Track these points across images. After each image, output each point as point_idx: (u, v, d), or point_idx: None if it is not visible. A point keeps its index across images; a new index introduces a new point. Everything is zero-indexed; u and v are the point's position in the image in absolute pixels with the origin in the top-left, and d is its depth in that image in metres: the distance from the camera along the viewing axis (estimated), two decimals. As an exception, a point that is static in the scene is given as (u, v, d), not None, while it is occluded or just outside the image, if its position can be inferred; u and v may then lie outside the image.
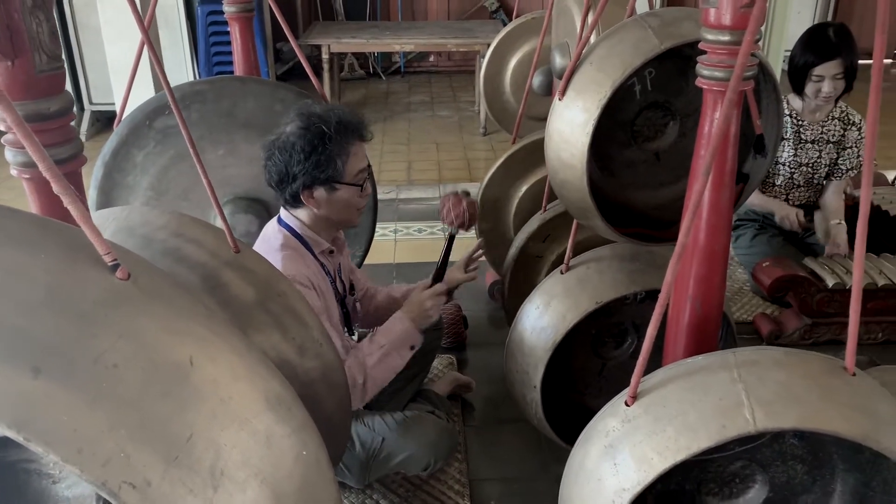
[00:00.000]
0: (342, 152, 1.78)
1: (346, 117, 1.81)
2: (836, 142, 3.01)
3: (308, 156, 1.75)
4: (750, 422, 1.13)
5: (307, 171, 1.76)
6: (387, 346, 1.87)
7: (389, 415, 2.06)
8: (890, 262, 2.66)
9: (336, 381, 1.56)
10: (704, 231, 1.42)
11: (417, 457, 2.02)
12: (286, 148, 1.78)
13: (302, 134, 1.77)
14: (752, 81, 1.35)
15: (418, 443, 2.02)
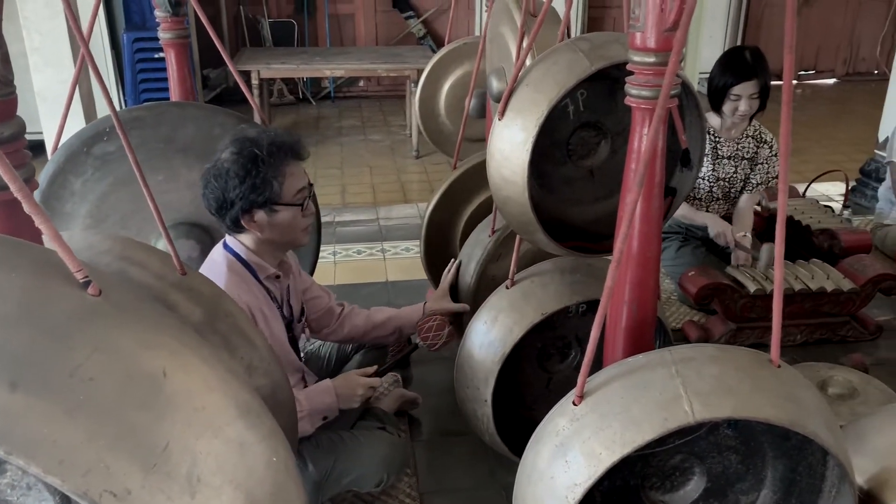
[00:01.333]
0: (277, 174, 1.78)
1: (279, 138, 1.82)
2: (750, 158, 3.22)
3: (243, 180, 1.76)
4: (689, 413, 1.22)
5: (244, 195, 1.76)
6: (305, 411, 1.87)
7: (340, 433, 2.08)
8: (805, 269, 2.85)
9: (284, 399, 1.58)
10: (638, 239, 1.51)
11: (370, 473, 2.05)
12: (221, 174, 1.78)
13: (235, 159, 1.77)
14: (677, 99, 1.46)
15: (370, 459, 2.04)
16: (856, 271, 2.80)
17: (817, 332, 2.84)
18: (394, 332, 2.30)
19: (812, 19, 7.54)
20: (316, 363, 2.42)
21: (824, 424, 1.27)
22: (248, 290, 1.84)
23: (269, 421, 1.04)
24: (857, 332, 2.86)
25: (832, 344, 2.85)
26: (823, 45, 7.72)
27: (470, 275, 2.32)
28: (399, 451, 2.11)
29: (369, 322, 2.27)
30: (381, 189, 5.11)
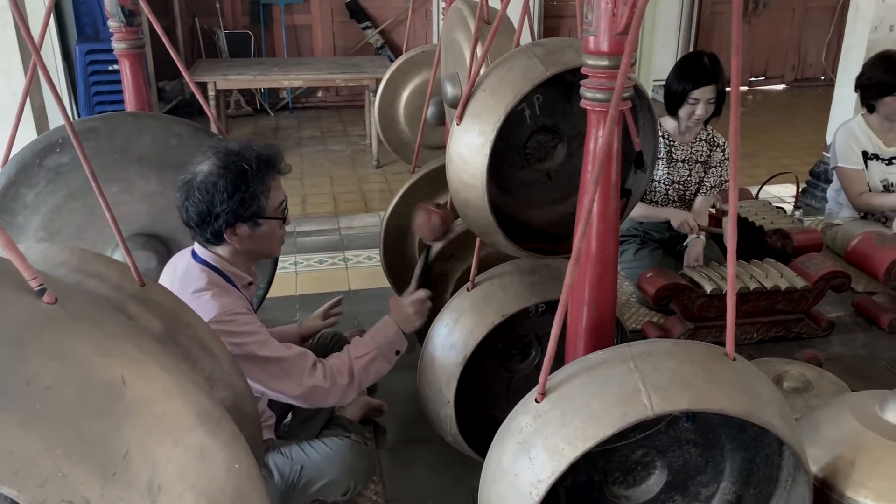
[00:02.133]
0: (264, 189, 1.79)
1: (265, 152, 1.82)
2: (704, 161, 3.29)
3: (231, 195, 1.75)
4: (648, 407, 1.24)
5: (231, 209, 1.76)
6: (375, 350, 1.94)
7: (306, 442, 2.07)
8: (759, 268, 2.92)
9: (247, 410, 1.56)
10: (595, 239, 1.54)
11: (337, 482, 2.03)
12: (206, 188, 1.76)
13: (222, 173, 1.76)
14: (630, 101, 1.49)
15: (337, 467, 2.03)
16: (808, 269, 2.88)
17: (773, 330, 2.91)
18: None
19: (761, 27, 7.74)
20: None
21: (779, 415, 1.31)
22: (233, 300, 1.83)
23: (231, 427, 1.04)
24: (810, 328, 2.94)
25: (787, 341, 2.91)
26: (772, 52, 7.93)
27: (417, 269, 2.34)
28: (366, 458, 2.10)
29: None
30: (342, 199, 5.10)
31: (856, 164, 3.42)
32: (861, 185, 3.43)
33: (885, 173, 3.45)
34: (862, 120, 3.48)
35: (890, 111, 3.34)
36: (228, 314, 1.77)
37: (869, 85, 3.36)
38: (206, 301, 1.76)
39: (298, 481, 1.99)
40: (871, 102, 3.39)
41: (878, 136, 3.44)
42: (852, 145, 3.42)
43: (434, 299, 2.07)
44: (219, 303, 1.76)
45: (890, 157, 3.44)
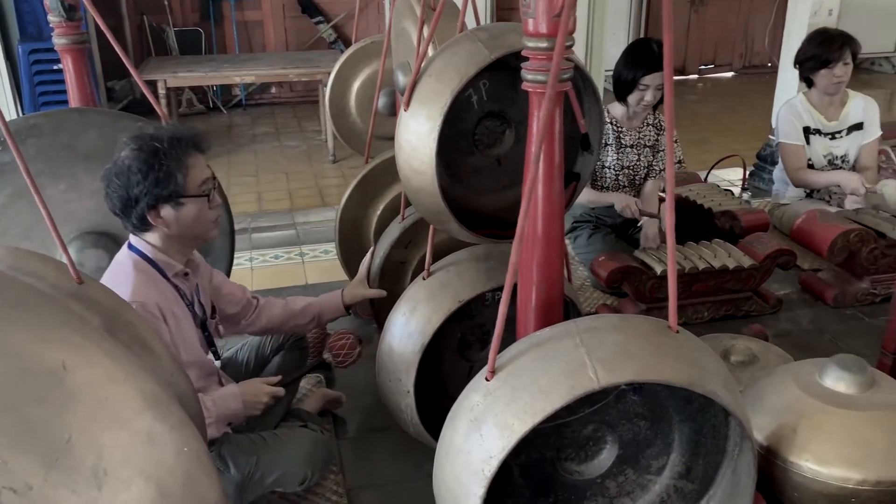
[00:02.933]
0: (180, 166, 1.77)
1: (178, 131, 1.82)
2: (651, 146, 3.35)
3: (146, 175, 1.74)
4: (594, 379, 1.27)
5: (148, 190, 1.75)
6: (213, 417, 1.84)
7: (262, 434, 2.06)
8: (708, 248, 2.98)
9: (190, 410, 1.54)
10: (541, 220, 1.56)
11: (293, 472, 2.03)
12: (122, 172, 1.76)
13: (136, 155, 1.76)
14: (570, 83, 1.51)
15: (293, 457, 2.03)
16: (755, 248, 2.95)
17: (722, 309, 2.99)
18: (312, 320, 2.29)
19: (708, 16, 7.89)
20: (235, 368, 2.39)
21: (723, 385, 1.35)
22: (158, 289, 1.81)
23: (179, 412, 1.04)
24: (759, 306, 3.02)
25: (737, 319, 2.99)
26: (720, 40, 8.08)
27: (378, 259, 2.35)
28: (322, 447, 2.11)
29: (287, 311, 2.25)
30: (298, 194, 5.07)
31: (796, 139, 3.50)
32: (800, 160, 3.51)
33: (829, 147, 3.55)
34: (803, 97, 3.57)
35: (826, 84, 3.43)
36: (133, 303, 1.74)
37: (805, 59, 3.44)
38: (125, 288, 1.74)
39: (254, 473, 1.98)
40: (809, 76, 3.48)
41: (818, 111, 3.53)
42: (794, 121, 3.50)
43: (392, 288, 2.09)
44: (133, 291, 1.74)
45: (832, 131, 3.54)
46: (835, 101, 3.54)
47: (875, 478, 1.44)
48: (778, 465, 1.52)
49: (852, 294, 3.07)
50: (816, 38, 3.43)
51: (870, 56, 8.02)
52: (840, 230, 2.89)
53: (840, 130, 3.55)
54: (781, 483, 1.55)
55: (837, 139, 3.55)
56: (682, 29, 7.89)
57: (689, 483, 1.56)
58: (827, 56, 3.35)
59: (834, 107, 3.55)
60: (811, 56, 3.40)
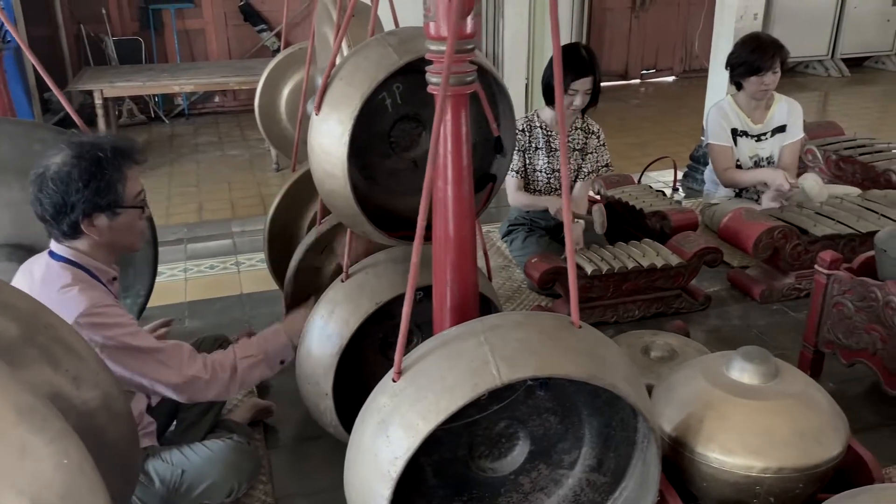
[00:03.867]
0: (121, 177, 1.78)
1: (119, 143, 1.82)
2: (581, 149, 3.41)
3: (87, 183, 1.73)
4: (496, 376, 1.28)
5: (87, 198, 1.73)
6: (262, 355, 1.96)
7: (187, 446, 2.03)
8: (637, 248, 3.04)
9: (118, 410, 1.53)
10: (452, 220, 1.58)
11: (220, 483, 2.01)
12: (61, 178, 1.73)
13: (76, 163, 1.74)
14: (474, 85, 1.53)
15: (219, 469, 2.01)
16: (682, 247, 3.01)
17: (653, 307, 3.04)
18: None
19: (649, 21, 8.04)
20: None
21: (623, 377, 1.38)
22: (101, 293, 1.79)
23: (58, 423, 1.01)
24: (688, 303, 3.08)
25: (667, 316, 3.04)
26: (661, 45, 8.24)
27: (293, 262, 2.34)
28: (248, 458, 2.08)
29: None
30: (240, 204, 5.01)
31: (725, 141, 3.59)
32: (727, 161, 3.59)
33: (755, 149, 3.64)
34: (731, 99, 3.66)
35: (755, 90, 3.52)
36: (98, 307, 1.74)
37: (738, 64, 3.52)
38: (74, 296, 1.72)
39: (180, 486, 1.96)
40: (739, 81, 3.57)
41: (745, 113, 3.63)
42: (722, 123, 3.59)
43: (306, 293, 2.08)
44: (87, 297, 1.73)
45: (758, 133, 3.64)
46: (761, 105, 3.64)
47: (777, 465, 1.48)
48: (686, 455, 1.55)
49: (778, 289, 3.15)
50: (749, 44, 3.50)
51: (804, 59, 8.27)
52: (764, 227, 2.97)
53: (765, 132, 3.66)
54: (690, 474, 1.59)
55: (763, 141, 3.65)
56: (623, 34, 8.03)
57: (602, 476, 1.58)
58: (759, 64, 3.43)
59: (760, 110, 3.65)
60: (743, 62, 3.48)
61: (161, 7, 6.91)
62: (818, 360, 2.64)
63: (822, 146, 4.02)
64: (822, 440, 1.51)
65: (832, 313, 2.49)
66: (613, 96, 7.72)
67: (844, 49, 8.15)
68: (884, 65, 8.49)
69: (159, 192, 5.16)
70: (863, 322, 2.38)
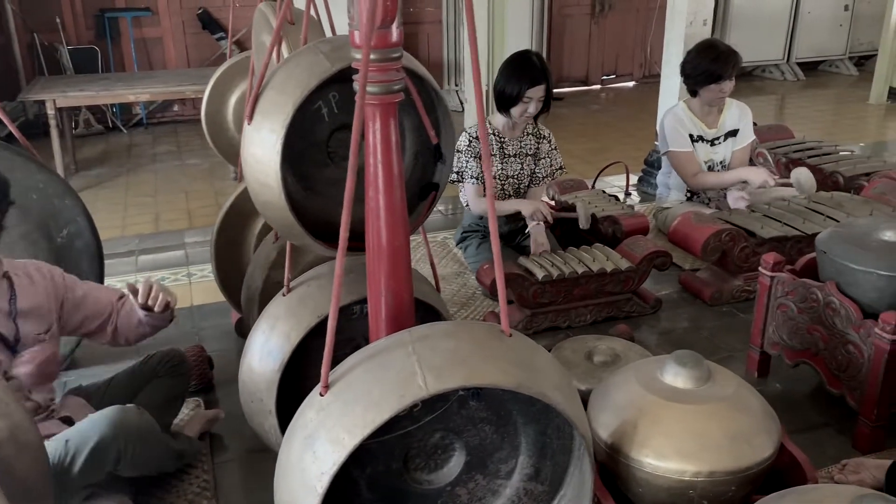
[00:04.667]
0: None
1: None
2: (533, 154, 3.42)
3: None
4: (423, 387, 1.27)
5: None
6: None
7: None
8: (588, 253, 3.05)
9: (27, 440, 1.48)
10: (385, 230, 1.56)
11: (103, 445, 1.83)
12: None
13: None
14: (402, 94, 1.52)
15: (101, 427, 1.84)
16: (632, 251, 3.03)
17: (604, 311, 3.05)
18: None
19: (608, 27, 8.12)
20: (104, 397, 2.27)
21: (553, 385, 1.37)
22: None
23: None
24: (639, 307, 3.10)
25: (618, 320, 3.05)
26: (621, 51, 8.33)
27: (256, 282, 2.30)
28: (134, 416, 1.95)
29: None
30: (197, 213, 4.95)
31: (687, 146, 3.62)
32: (694, 165, 3.62)
33: (710, 154, 3.68)
34: (685, 105, 3.70)
35: (712, 97, 3.56)
36: None
37: (696, 73, 3.55)
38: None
39: (65, 457, 1.80)
40: (696, 88, 3.60)
41: (699, 119, 3.67)
42: (680, 129, 3.62)
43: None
44: None
45: (712, 138, 3.68)
46: (713, 110, 3.68)
47: (709, 469, 1.49)
48: (622, 461, 1.55)
49: (728, 291, 3.19)
50: (708, 53, 3.52)
51: (760, 63, 8.41)
52: (712, 230, 3.00)
53: (719, 137, 3.70)
54: (626, 479, 1.59)
55: (717, 145, 3.70)
56: (583, 40, 8.10)
57: (540, 485, 1.57)
58: (719, 73, 3.47)
59: (713, 114, 3.69)
60: (702, 71, 3.51)
61: (117, 15, 6.82)
62: (765, 361, 2.67)
63: (773, 149, 4.08)
64: (754, 442, 1.52)
65: (776, 315, 2.53)
66: (574, 102, 7.78)
67: (800, 53, 8.32)
68: (837, 68, 8.67)
69: (116, 203, 5.08)
70: (805, 323, 2.41)
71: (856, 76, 8.47)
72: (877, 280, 2.21)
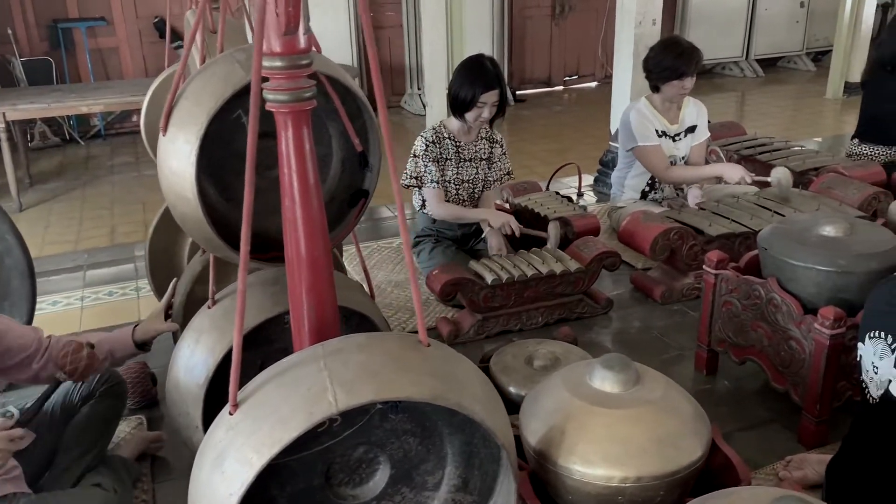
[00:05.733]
0: None
1: None
2: (487, 158, 3.40)
3: None
4: (333, 403, 1.24)
5: None
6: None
7: (54, 493, 1.93)
8: (537, 255, 3.03)
9: None
10: (304, 241, 1.53)
11: None
12: None
13: None
14: (314, 101, 1.48)
15: None
16: (582, 252, 3.02)
17: (556, 313, 3.03)
18: (105, 359, 2.14)
19: (570, 29, 8.14)
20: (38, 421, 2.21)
21: (471, 395, 1.34)
22: None
23: None
24: (591, 307, 3.09)
25: (570, 322, 3.04)
26: (582, 52, 8.35)
27: (180, 295, 2.25)
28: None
29: None
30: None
31: (655, 140, 3.60)
32: (665, 159, 3.60)
33: (672, 150, 3.67)
34: (646, 101, 3.69)
35: (674, 93, 3.56)
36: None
37: (660, 69, 3.54)
38: None
39: None
40: (659, 84, 3.59)
41: (661, 115, 3.67)
42: (647, 124, 3.60)
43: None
44: None
45: (674, 133, 3.68)
46: (674, 106, 3.69)
47: (636, 474, 1.46)
48: (550, 469, 1.53)
49: (678, 290, 3.19)
50: (671, 49, 3.52)
51: (720, 61, 8.48)
52: (660, 229, 3.00)
53: (680, 133, 3.70)
54: (556, 487, 1.56)
55: (678, 141, 3.70)
56: (545, 42, 8.11)
57: (469, 495, 1.54)
58: (683, 69, 3.47)
59: (673, 110, 3.70)
60: (665, 67, 3.51)
61: (71, 25, 6.71)
62: (713, 359, 2.67)
63: (725, 146, 4.10)
64: (681, 446, 1.50)
65: (722, 312, 2.52)
66: (537, 103, 7.79)
67: (758, 50, 8.40)
68: (795, 64, 8.77)
69: (71, 218, 4.99)
70: (749, 320, 2.41)
71: (813, 72, 8.58)
72: (815, 275, 2.21)
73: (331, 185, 1.97)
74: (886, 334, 1.69)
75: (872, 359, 1.74)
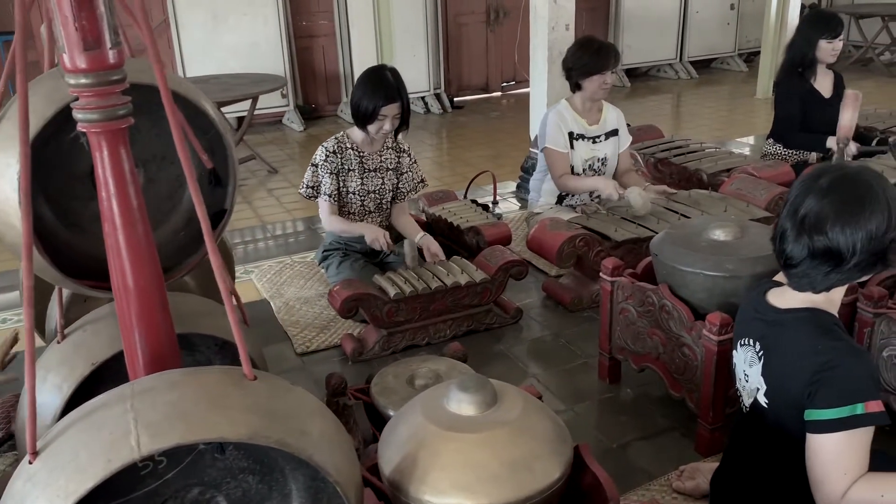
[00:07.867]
0: None
1: None
2: (394, 168, 3.32)
3: None
4: (135, 448, 1.14)
5: None
6: None
7: None
8: (443, 266, 2.96)
9: None
10: (129, 269, 1.42)
11: None
12: None
13: None
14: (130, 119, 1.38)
15: None
16: (488, 261, 2.96)
17: (464, 325, 2.96)
18: None
19: (505, 35, 8.11)
20: None
21: (299, 430, 1.26)
22: None
23: None
24: (500, 318, 3.02)
25: (479, 333, 2.98)
26: (519, 57, 8.33)
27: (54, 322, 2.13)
28: None
29: None
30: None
31: (562, 146, 3.55)
32: (564, 166, 3.56)
33: (592, 151, 3.62)
34: (566, 103, 3.64)
35: (595, 89, 3.51)
36: None
37: (580, 65, 3.49)
38: None
39: None
40: (580, 81, 3.55)
41: (581, 116, 3.63)
42: (560, 126, 3.55)
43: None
44: None
45: (594, 135, 3.64)
46: (594, 107, 3.65)
47: (488, 501, 1.39)
48: (403, 500, 1.45)
49: (588, 296, 3.14)
50: (589, 45, 3.50)
51: (655, 63, 8.55)
52: (565, 236, 2.95)
53: (600, 135, 3.66)
54: (409, 519, 1.48)
55: (598, 143, 3.66)
56: (481, 48, 8.08)
57: (319, 533, 1.45)
58: (602, 63, 3.44)
59: (593, 112, 3.66)
60: (585, 62, 3.47)
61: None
62: (615, 367, 2.62)
63: (642, 150, 4.08)
64: (535, 469, 1.42)
65: (619, 319, 2.48)
66: (474, 110, 7.75)
67: (692, 52, 8.48)
68: (728, 65, 8.87)
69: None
70: (645, 327, 2.37)
71: (746, 72, 8.69)
72: (703, 280, 2.18)
73: (188, 205, 1.87)
74: (754, 341, 1.64)
75: (743, 366, 1.69)
